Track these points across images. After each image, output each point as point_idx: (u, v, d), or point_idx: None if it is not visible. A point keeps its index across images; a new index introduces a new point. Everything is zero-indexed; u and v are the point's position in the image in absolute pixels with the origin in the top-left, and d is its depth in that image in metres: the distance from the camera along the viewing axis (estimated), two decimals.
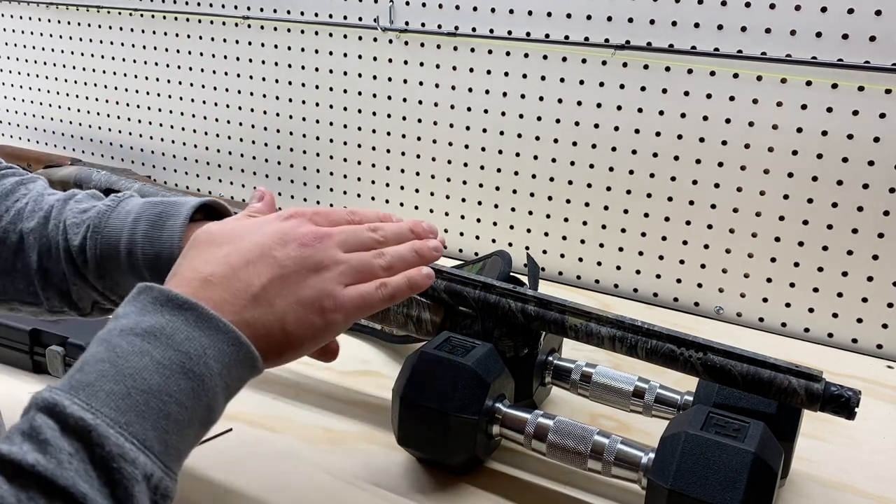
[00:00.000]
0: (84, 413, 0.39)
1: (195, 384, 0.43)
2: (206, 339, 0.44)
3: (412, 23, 1.15)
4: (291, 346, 0.48)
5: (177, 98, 1.41)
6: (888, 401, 0.86)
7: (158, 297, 0.45)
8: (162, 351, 0.42)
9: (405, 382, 0.67)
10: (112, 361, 0.41)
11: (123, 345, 0.42)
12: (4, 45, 1.59)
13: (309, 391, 0.82)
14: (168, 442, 0.41)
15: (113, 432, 0.39)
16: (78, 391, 0.40)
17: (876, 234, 0.95)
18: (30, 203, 0.62)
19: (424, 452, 0.69)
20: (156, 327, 0.43)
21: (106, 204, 0.61)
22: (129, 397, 0.40)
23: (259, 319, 0.47)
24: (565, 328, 0.69)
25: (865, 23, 0.89)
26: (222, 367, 0.44)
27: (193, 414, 0.43)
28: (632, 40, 1.01)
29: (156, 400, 0.41)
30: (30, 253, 0.60)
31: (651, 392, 0.72)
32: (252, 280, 0.47)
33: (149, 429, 0.40)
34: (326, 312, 0.49)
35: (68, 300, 0.61)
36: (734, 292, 1.04)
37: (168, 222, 0.58)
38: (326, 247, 0.50)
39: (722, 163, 1.01)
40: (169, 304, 0.44)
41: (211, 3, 1.31)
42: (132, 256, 0.58)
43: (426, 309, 0.74)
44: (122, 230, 0.59)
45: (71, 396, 0.39)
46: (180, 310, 0.44)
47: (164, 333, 0.43)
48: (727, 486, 0.56)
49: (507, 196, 1.16)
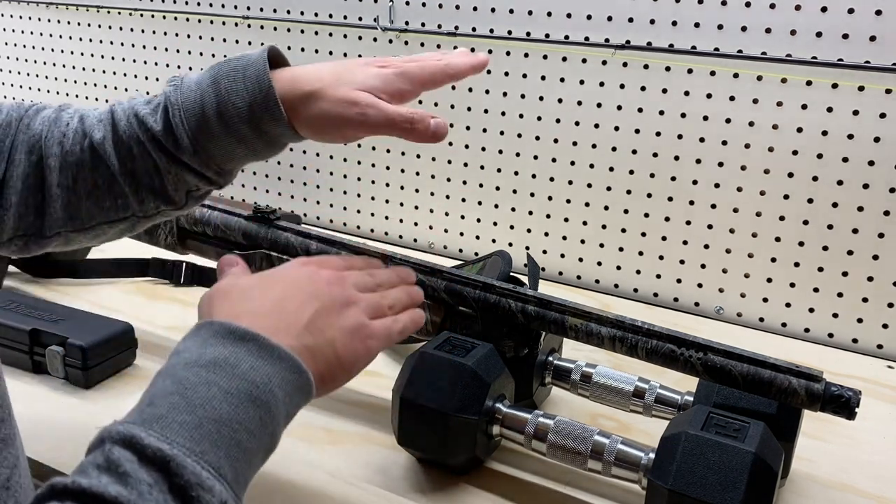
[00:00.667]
0: (161, 444, 0.39)
1: (263, 412, 0.44)
2: (269, 367, 0.45)
3: (412, 23, 1.15)
4: (343, 370, 0.51)
5: None
6: (888, 401, 0.86)
7: (219, 331, 0.46)
8: (228, 381, 0.43)
9: (405, 382, 0.67)
10: (181, 393, 0.42)
11: (190, 377, 0.43)
12: (4, 45, 1.59)
13: None
14: (238, 470, 0.42)
15: (190, 461, 0.39)
16: (152, 423, 0.40)
17: (876, 234, 0.95)
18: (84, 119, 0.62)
19: (424, 452, 0.69)
20: (220, 358, 0.44)
21: (171, 85, 0.60)
22: (202, 427, 0.41)
23: (316, 346, 0.49)
24: (565, 328, 0.69)
25: (865, 23, 0.89)
26: (285, 395, 0.46)
27: (261, 442, 0.44)
28: (632, 40, 1.01)
29: (227, 428, 0.42)
30: (110, 161, 0.60)
31: (651, 392, 0.72)
32: (300, 311, 0.50)
33: (223, 457, 0.41)
34: (365, 339, 0.52)
35: (163, 195, 0.60)
36: (734, 292, 1.04)
37: (248, 71, 0.58)
38: (346, 287, 0.54)
39: (722, 163, 1.01)
40: (230, 336, 0.45)
41: (211, 3, 1.31)
42: (224, 116, 0.57)
43: (426, 309, 0.74)
44: (202, 97, 0.58)
45: (146, 429, 0.40)
46: (242, 341, 0.45)
47: (229, 364, 0.44)
48: (727, 486, 0.55)
49: (507, 196, 1.16)
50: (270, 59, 0.59)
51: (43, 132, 0.61)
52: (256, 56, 0.58)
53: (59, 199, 0.60)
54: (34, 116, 0.62)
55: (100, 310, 0.89)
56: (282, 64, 0.61)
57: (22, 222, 0.61)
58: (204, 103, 0.58)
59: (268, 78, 0.57)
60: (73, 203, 0.61)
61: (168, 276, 1.05)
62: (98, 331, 0.82)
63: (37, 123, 0.62)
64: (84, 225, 0.62)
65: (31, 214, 0.61)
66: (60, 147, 0.60)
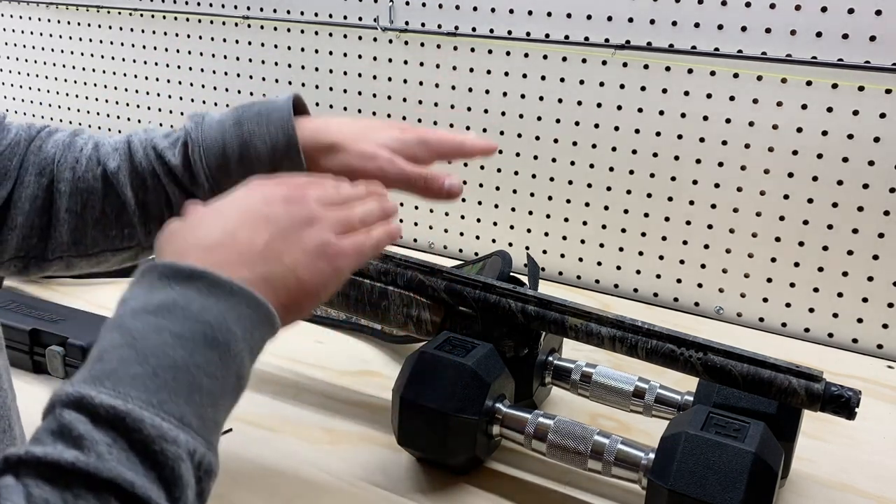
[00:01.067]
0: (114, 400, 0.37)
1: (221, 352, 0.41)
2: (223, 304, 0.42)
3: (412, 23, 1.15)
4: (308, 296, 0.47)
5: (177, 98, 1.41)
6: (888, 401, 0.86)
7: (164, 272, 0.43)
8: (180, 324, 0.41)
9: (405, 382, 0.67)
10: (131, 344, 0.40)
11: (139, 326, 0.41)
12: (4, 45, 1.59)
13: (309, 391, 0.82)
14: (204, 415, 0.40)
15: (148, 414, 0.37)
16: (102, 380, 0.38)
17: (876, 234, 0.95)
18: (99, 147, 0.62)
19: (424, 452, 0.69)
20: (168, 302, 0.41)
21: (192, 121, 0.61)
22: (157, 376, 0.39)
23: (273, 274, 0.46)
24: (565, 328, 0.69)
25: (865, 23, 0.89)
26: (245, 331, 0.43)
27: (225, 383, 0.41)
28: (632, 40, 1.01)
29: (185, 374, 0.40)
30: (123, 191, 0.60)
31: (651, 392, 0.72)
32: (254, 239, 0.46)
33: (183, 404, 0.39)
34: (332, 258, 0.48)
35: None
36: (734, 292, 1.04)
37: (273, 116, 0.59)
38: (307, 203, 0.49)
39: (722, 163, 1.01)
40: (177, 276, 0.43)
41: (211, 3, 1.31)
42: (245, 159, 0.58)
43: (426, 309, 0.74)
44: (223, 137, 0.59)
45: (96, 386, 0.38)
46: (190, 280, 0.42)
47: (178, 306, 0.41)
48: (727, 486, 0.56)
49: (507, 196, 1.16)
50: (294, 106, 0.61)
51: (56, 156, 0.62)
52: (282, 102, 0.60)
53: (65, 224, 0.61)
54: (46, 139, 0.63)
55: (100, 310, 0.89)
56: (303, 111, 0.62)
57: (25, 243, 0.61)
58: (225, 143, 0.59)
59: (292, 125, 0.58)
60: (80, 229, 0.61)
61: None
62: (98, 331, 0.82)
63: (49, 146, 0.63)
64: (87, 251, 0.62)
65: (36, 236, 0.61)
66: (73, 172, 0.61)
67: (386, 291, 0.76)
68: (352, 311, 0.78)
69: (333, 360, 0.88)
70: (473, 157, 0.66)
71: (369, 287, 0.76)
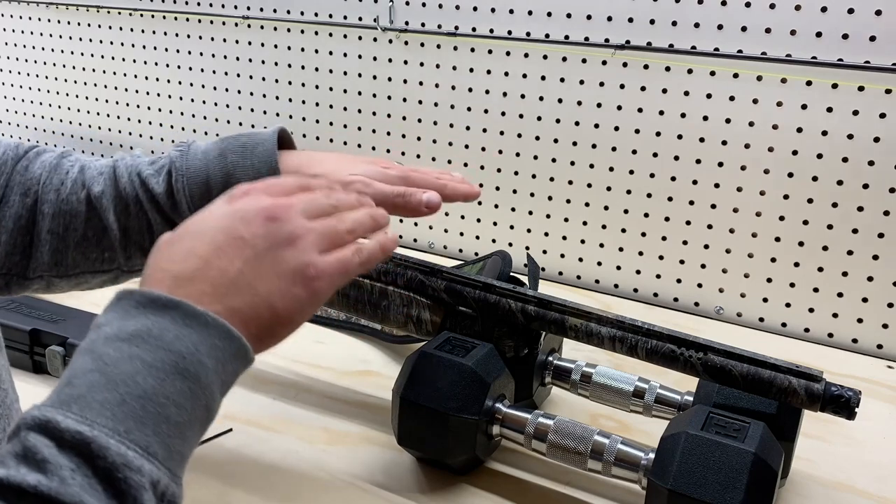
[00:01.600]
0: (80, 426, 0.37)
1: (191, 384, 0.41)
2: (196, 335, 0.42)
3: (412, 23, 1.15)
4: (282, 324, 0.46)
5: (177, 98, 1.41)
6: (888, 401, 0.86)
7: (140, 301, 0.43)
8: (152, 353, 0.41)
9: (405, 382, 0.67)
10: (101, 370, 0.40)
11: (110, 352, 0.40)
12: (4, 45, 1.59)
13: (309, 391, 0.82)
14: (171, 446, 0.40)
15: (113, 442, 0.37)
16: (70, 404, 0.38)
17: (876, 234, 0.95)
18: (84, 170, 0.62)
19: (424, 452, 0.69)
20: (142, 330, 0.41)
21: (177, 150, 0.62)
22: (125, 404, 0.39)
23: (245, 304, 0.45)
24: (565, 328, 0.69)
25: (865, 23, 0.89)
26: (216, 363, 0.42)
27: (193, 414, 0.41)
28: (632, 40, 1.01)
29: (153, 404, 0.39)
30: (106, 215, 0.60)
31: (651, 392, 0.72)
32: (227, 267, 0.45)
33: (150, 434, 0.39)
34: (310, 282, 0.47)
35: None
36: (734, 292, 1.04)
37: (258, 149, 0.60)
38: (291, 217, 0.47)
39: (722, 163, 1.01)
40: (151, 305, 0.42)
41: (211, 3, 1.31)
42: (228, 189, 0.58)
43: (426, 309, 0.75)
44: (207, 168, 0.59)
45: (63, 411, 0.38)
46: (164, 309, 0.42)
47: (152, 335, 0.41)
48: (727, 486, 0.56)
49: (507, 196, 1.16)
50: (280, 139, 0.62)
51: (42, 177, 0.63)
52: (267, 135, 0.61)
53: (46, 244, 0.62)
54: (34, 159, 0.64)
55: (100, 310, 0.89)
56: (289, 145, 0.63)
57: (7, 260, 0.62)
58: (209, 174, 0.59)
59: (275, 159, 0.59)
60: (61, 250, 0.62)
61: None
62: None
63: (36, 167, 0.63)
64: (68, 272, 0.63)
65: (18, 254, 0.62)
66: (57, 194, 0.62)
67: (386, 291, 0.76)
68: (352, 311, 0.78)
69: (333, 360, 0.88)
70: (455, 201, 0.66)
71: (369, 287, 0.76)
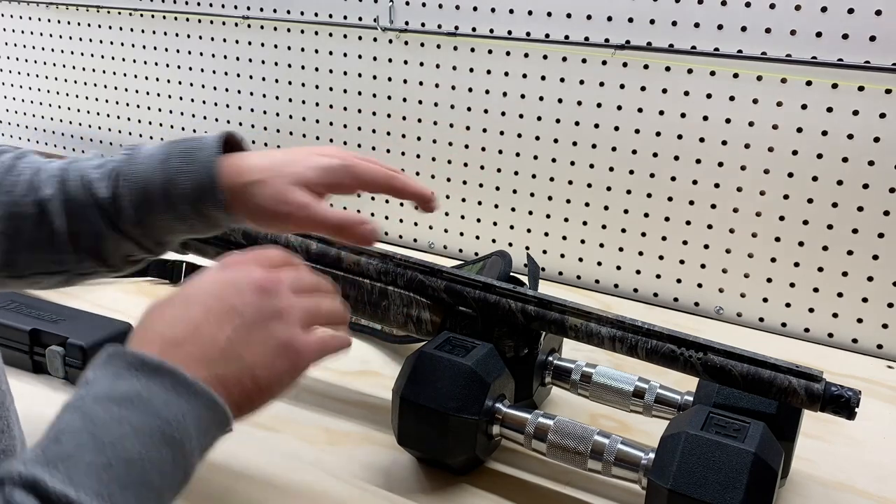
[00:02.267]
0: (66, 488, 0.37)
1: (175, 451, 0.42)
2: (184, 403, 0.43)
3: (412, 23, 1.15)
4: (262, 394, 0.48)
5: (177, 98, 1.41)
6: (888, 401, 0.86)
7: (132, 362, 0.43)
8: (140, 417, 0.41)
9: (405, 382, 0.67)
10: (90, 431, 0.40)
11: (100, 412, 0.41)
12: (4, 45, 1.59)
13: (309, 391, 0.82)
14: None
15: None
16: (57, 464, 0.38)
17: (876, 234, 0.95)
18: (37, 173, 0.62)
19: (424, 452, 0.69)
20: (132, 393, 0.42)
21: (124, 153, 0.62)
22: (111, 468, 0.39)
23: (230, 374, 0.46)
24: (565, 328, 0.69)
25: (865, 23, 0.89)
26: (199, 431, 0.43)
27: (173, 479, 0.42)
28: (632, 40, 1.01)
29: (137, 469, 0.40)
30: (55, 219, 0.60)
31: (651, 392, 0.72)
32: (217, 334, 0.46)
33: (131, 498, 0.39)
34: (294, 356, 0.49)
35: (100, 258, 0.61)
36: (734, 292, 1.04)
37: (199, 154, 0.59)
38: (280, 291, 0.50)
39: (722, 163, 1.01)
40: (143, 368, 0.43)
41: (211, 3, 1.31)
42: (169, 195, 0.58)
43: (426, 309, 0.74)
44: (152, 172, 0.59)
45: (50, 470, 0.38)
46: (156, 374, 0.43)
47: (142, 399, 0.42)
48: (727, 486, 0.56)
49: (507, 196, 1.16)
50: (229, 143, 0.61)
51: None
52: (211, 141, 0.60)
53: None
54: None
55: (100, 310, 0.89)
56: (238, 147, 0.62)
57: None
58: (151, 179, 0.59)
59: (216, 165, 0.59)
60: (12, 251, 0.61)
61: (168, 276, 1.05)
62: (98, 331, 0.82)
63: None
64: (21, 273, 0.63)
65: None
66: (9, 196, 0.61)
67: (386, 291, 0.76)
68: (352, 311, 0.78)
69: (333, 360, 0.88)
70: (403, 198, 0.64)
71: (369, 287, 0.76)
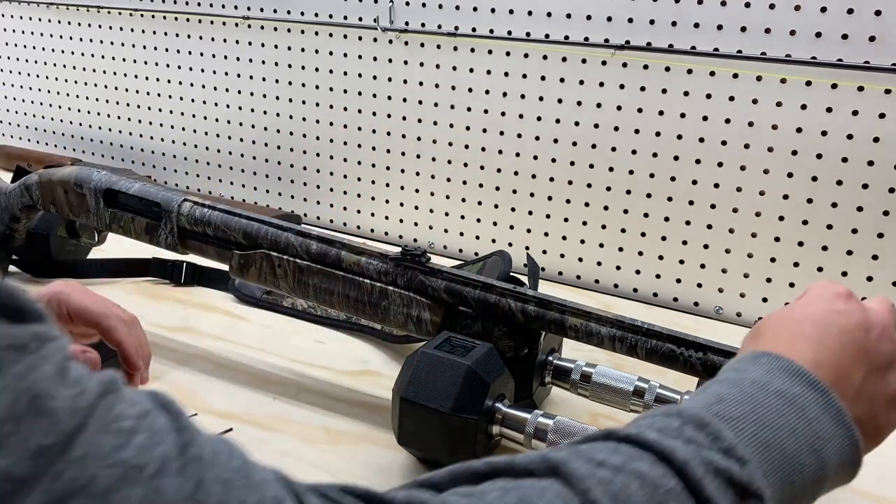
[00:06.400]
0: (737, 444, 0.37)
1: (818, 468, 0.40)
2: (831, 427, 0.41)
3: (412, 23, 1.15)
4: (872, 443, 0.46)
5: (177, 98, 1.41)
6: None
7: (786, 367, 0.42)
8: (795, 419, 0.40)
9: (405, 382, 0.67)
10: (753, 408, 0.39)
11: (758, 395, 0.40)
12: (4, 45, 1.59)
13: (309, 391, 0.82)
14: None
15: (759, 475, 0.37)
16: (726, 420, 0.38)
17: (876, 234, 0.95)
18: None
19: (424, 452, 0.69)
20: (788, 394, 0.41)
21: None
22: (769, 449, 0.38)
23: (860, 418, 0.43)
24: (565, 328, 0.69)
25: (865, 23, 0.89)
26: (838, 464, 0.41)
27: (802, 499, 0.40)
28: (632, 40, 1.01)
29: (788, 465, 0.39)
30: None
31: (651, 392, 0.72)
32: (853, 372, 0.44)
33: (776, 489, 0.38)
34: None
35: None
36: (734, 292, 1.05)
37: None
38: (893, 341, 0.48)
39: (722, 163, 1.01)
40: (797, 377, 0.42)
41: (211, 3, 1.31)
42: None
43: (426, 309, 0.75)
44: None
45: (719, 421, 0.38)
46: (810, 387, 0.42)
47: (797, 404, 0.41)
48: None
49: (507, 196, 1.16)
50: None
51: None
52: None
53: None
54: None
55: None
56: None
57: None
58: None
59: None
60: None
61: (168, 276, 1.05)
62: None
63: None
64: None
65: None
66: None
67: (386, 291, 0.76)
68: (352, 311, 0.78)
69: (333, 360, 0.88)
70: None
71: (369, 287, 0.76)
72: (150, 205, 0.84)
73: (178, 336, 0.90)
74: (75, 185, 0.86)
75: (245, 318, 0.96)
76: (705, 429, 0.37)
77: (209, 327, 0.93)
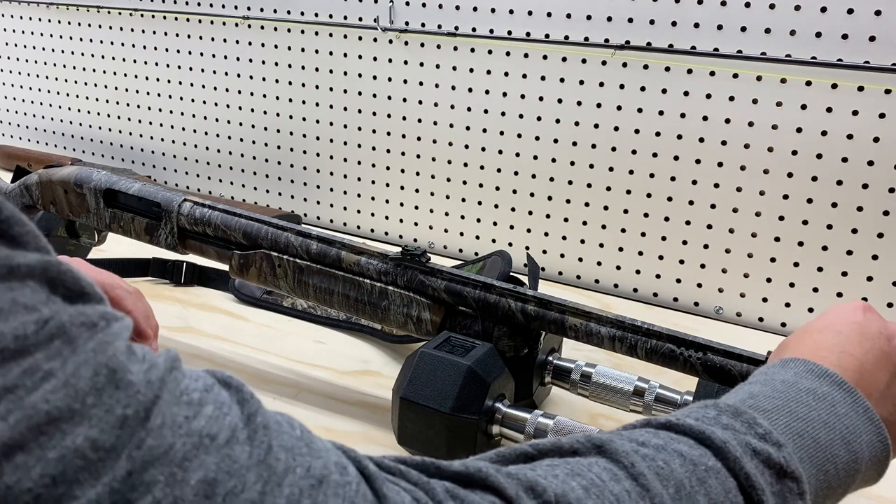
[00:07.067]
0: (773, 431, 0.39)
1: (850, 459, 0.41)
2: (860, 423, 0.42)
3: (412, 23, 1.15)
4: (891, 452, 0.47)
5: (177, 98, 1.41)
6: None
7: (812, 369, 0.44)
8: (826, 413, 0.41)
9: (405, 382, 0.67)
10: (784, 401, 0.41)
11: (789, 392, 0.42)
12: (4, 45, 1.59)
13: (309, 391, 0.82)
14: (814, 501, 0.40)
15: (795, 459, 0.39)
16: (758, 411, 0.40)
17: (876, 234, 0.95)
18: None
19: (424, 452, 0.69)
20: (817, 391, 0.42)
21: None
22: (803, 438, 0.40)
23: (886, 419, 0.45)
24: (565, 328, 0.69)
25: (865, 23, 0.89)
26: (870, 458, 0.43)
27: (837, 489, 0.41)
28: (632, 40, 1.01)
29: (821, 454, 0.40)
30: None
31: (651, 392, 0.72)
32: (879, 376, 0.46)
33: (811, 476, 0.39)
34: None
35: None
36: (734, 292, 1.05)
37: None
38: None
39: (722, 163, 1.01)
40: (825, 377, 0.43)
41: (211, 3, 1.31)
42: None
43: (426, 309, 0.75)
44: None
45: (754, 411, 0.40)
46: (837, 387, 0.43)
47: (826, 400, 0.42)
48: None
49: (507, 196, 1.16)
50: None
51: None
52: None
53: None
54: None
55: None
56: None
57: None
58: None
59: None
60: None
61: (168, 276, 1.05)
62: None
63: None
64: None
65: None
66: None
67: (386, 291, 0.76)
68: (352, 311, 0.78)
69: (333, 360, 0.88)
70: None
71: (369, 287, 0.76)
72: (150, 205, 0.84)
73: (178, 336, 0.90)
74: (75, 185, 0.86)
75: (245, 318, 0.96)
76: (741, 416, 0.39)
77: (209, 327, 0.93)
